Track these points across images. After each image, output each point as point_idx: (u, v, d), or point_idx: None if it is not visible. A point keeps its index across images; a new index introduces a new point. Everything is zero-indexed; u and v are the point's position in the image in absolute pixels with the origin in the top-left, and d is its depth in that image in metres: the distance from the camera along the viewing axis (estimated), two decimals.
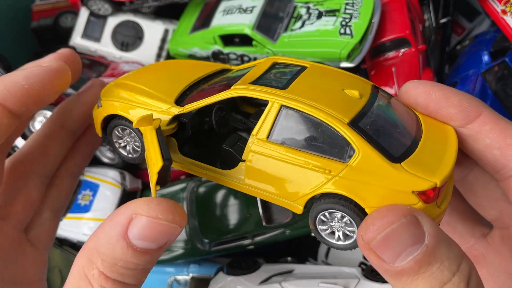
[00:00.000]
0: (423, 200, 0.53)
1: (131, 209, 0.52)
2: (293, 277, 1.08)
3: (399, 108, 0.63)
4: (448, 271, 0.48)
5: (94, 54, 1.44)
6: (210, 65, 0.79)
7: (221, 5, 1.31)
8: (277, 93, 0.59)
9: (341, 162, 0.56)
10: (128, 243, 0.51)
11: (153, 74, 0.78)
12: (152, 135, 0.60)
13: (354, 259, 1.22)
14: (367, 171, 0.55)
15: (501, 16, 1.18)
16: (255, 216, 1.17)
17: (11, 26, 1.50)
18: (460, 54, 1.39)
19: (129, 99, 0.69)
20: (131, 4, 1.34)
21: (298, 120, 0.58)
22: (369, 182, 0.55)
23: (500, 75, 1.15)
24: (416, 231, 0.49)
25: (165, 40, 1.41)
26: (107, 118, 0.71)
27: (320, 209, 0.59)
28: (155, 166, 0.56)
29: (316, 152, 0.57)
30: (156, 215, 0.51)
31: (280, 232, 1.18)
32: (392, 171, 0.54)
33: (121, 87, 0.71)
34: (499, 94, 1.15)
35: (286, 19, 1.22)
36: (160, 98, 0.67)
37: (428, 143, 0.58)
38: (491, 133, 0.60)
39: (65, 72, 0.67)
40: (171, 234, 0.52)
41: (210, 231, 1.20)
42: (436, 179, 0.53)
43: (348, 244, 0.60)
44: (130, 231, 0.51)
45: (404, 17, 1.19)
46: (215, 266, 1.22)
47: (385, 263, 0.49)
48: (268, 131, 0.60)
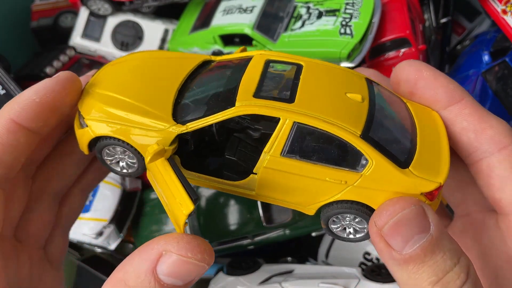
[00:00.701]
0: (429, 199, 0.57)
1: (161, 245, 0.53)
2: (293, 277, 1.08)
3: (393, 101, 0.65)
4: (451, 261, 0.52)
5: (94, 54, 1.44)
6: (188, 58, 0.73)
7: (221, 5, 1.31)
8: (287, 109, 0.58)
9: (355, 172, 0.58)
10: (156, 278, 0.52)
11: (130, 78, 0.69)
12: (166, 168, 0.57)
13: (354, 259, 1.22)
14: (380, 179, 0.57)
15: (501, 16, 1.17)
16: (255, 216, 1.17)
17: (11, 26, 1.49)
18: (460, 54, 1.39)
19: (121, 118, 0.62)
20: (131, 4, 1.34)
21: (311, 134, 0.58)
22: (381, 188, 0.57)
23: (500, 75, 1.15)
24: (423, 220, 0.53)
25: (165, 40, 1.41)
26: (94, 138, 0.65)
27: (333, 213, 0.61)
28: (184, 208, 0.53)
29: (331, 164, 0.58)
30: (185, 254, 0.52)
31: (280, 232, 1.18)
32: (402, 177, 0.57)
33: (103, 102, 0.63)
34: (500, 94, 1.15)
35: (286, 19, 1.22)
36: (156, 115, 0.62)
37: (424, 140, 0.61)
38: (469, 116, 0.63)
39: (75, 80, 0.66)
40: (198, 273, 0.53)
41: (210, 231, 1.20)
42: (440, 179, 0.57)
43: (359, 237, 0.63)
44: (159, 267, 0.52)
45: (404, 17, 1.19)
46: (215, 266, 1.22)
47: (393, 251, 0.53)
48: (281, 147, 0.59)
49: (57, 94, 0.62)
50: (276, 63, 0.67)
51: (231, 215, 1.19)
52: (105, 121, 0.62)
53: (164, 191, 0.57)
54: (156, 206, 1.27)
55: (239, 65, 0.67)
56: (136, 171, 0.67)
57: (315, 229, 1.18)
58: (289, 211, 1.17)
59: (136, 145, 0.63)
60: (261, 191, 0.63)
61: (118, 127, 0.62)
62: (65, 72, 0.65)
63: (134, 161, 0.66)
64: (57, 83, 0.63)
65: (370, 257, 1.20)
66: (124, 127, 0.62)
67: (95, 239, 1.24)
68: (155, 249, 0.53)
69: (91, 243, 1.25)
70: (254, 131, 0.67)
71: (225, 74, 0.67)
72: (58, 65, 1.31)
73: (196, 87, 0.67)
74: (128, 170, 0.67)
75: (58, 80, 0.63)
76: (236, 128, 0.70)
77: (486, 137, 0.62)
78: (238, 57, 0.70)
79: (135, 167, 0.67)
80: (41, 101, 0.61)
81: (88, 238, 1.23)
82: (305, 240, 1.29)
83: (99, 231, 1.23)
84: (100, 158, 0.67)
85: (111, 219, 1.23)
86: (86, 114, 0.64)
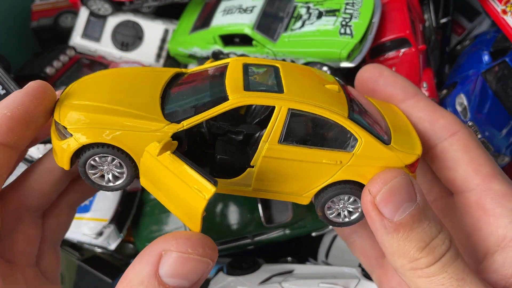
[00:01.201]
0: (411, 171, 0.65)
1: (159, 246, 0.52)
2: (293, 277, 1.08)
3: (360, 97, 0.72)
4: (435, 228, 0.58)
5: (94, 54, 1.44)
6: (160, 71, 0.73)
7: (221, 5, 1.31)
8: (280, 97, 0.62)
9: (347, 152, 0.63)
10: (159, 281, 0.51)
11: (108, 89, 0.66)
12: (176, 161, 0.56)
13: (354, 259, 1.22)
14: (369, 156, 0.63)
15: (501, 16, 1.18)
16: (255, 216, 1.17)
17: (11, 26, 1.49)
18: (460, 54, 1.39)
19: (111, 124, 0.60)
20: (131, 4, 1.34)
21: (304, 119, 0.62)
22: (371, 164, 0.63)
23: (500, 75, 1.15)
24: (410, 189, 0.59)
25: (165, 40, 1.41)
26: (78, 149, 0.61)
27: (329, 197, 0.65)
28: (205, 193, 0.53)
29: (326, 147, 0.63)
30: (186, 250, 0.51)
31: (280, 232, 1.18)
32: (388, 152, 0.63)
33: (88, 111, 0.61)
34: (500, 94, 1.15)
35: (286, 19, 1.22)
36: (147, 117, 0.60)
37: (393, 123, 0.69)
38: (423, 108, 0.72)
39: (46, 88, 0.63)
40: (203, 270, 0.52)
41: (210, 231, 1.20)
42: (418, 151, 0.65)
43: (354, 218, 0.67)
44: (161, 269, 0.51)
45: (404, 17, 1.19)
46: (215, 266, 1.22)
47: (384, 219, 0.57)
48: (279, 135, 0.62)
49: (28, 106, 0.60)
50: (253, 66, 0.69)
51: (231, 215, 1.19)
52: (94, 128, 0.60)
53: (175, 186, 0.56)
54: (156, 206, 1.27)
55: (217, 70, 0.68)
56: (123, 183, 0.63)
57: (315, 229, 1.18)
58: (289, 211, 1.17)
59: (129, 149, 0.60)
60: (258, 184, 0.65)
61: (108, 132, 0.60)
62: (35, 81, 0.63)
63: (123, 170, 0.63)
64: (27, 94, 0.60)
65: None
66: (116, 131, 0.59)
67: (95, 239, 1.24)
68: (154, 250, 0.52)
69: (91, 243, 1.25)
70: (236, 134, 0.69)
71: (205, 79, 0.68)
72: (58, 65, 1.31)
73: (178, 93, 0.66)
74: (115, 182, 0.64)
75: (28, 91, 0.61)
76: (219, 133, 0.70)
77: (439, 125, 0.70)
78: (212, 66, 0.72)
79: (123, 177, 0.63)
80: (12, 115, 0.59)
81: (88, 238, 1.23)
82: (305, 240, 1.29)
83: (99, 231, 1.23)
84: (82, 172, 0.63)
85: (111, 219, 1.23)
86: (69, 124, 0.60)
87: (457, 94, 1.20)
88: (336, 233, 1.24)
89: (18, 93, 0.61)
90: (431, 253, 0.57)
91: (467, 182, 0.67)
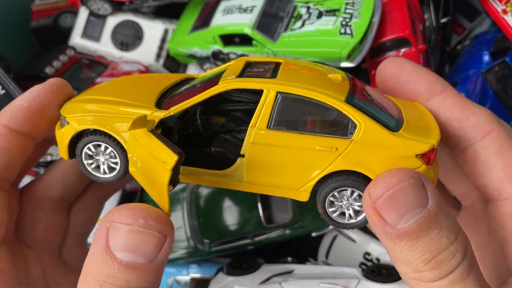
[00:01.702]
0: (425, 162, 0.56)
1: (106, 218, 0.50)
2: (293, 277, 1.08)
3: (376, 92, 0.67)
4: (447, 239, 0.50)
5: (94, 54, 1.43)
6: (172, 76, 0.75)
7: (221, 5, 1.31)
8: (270, 81, 0.59)
9: (345, 138, 0.57)
10: (111, 256, 0.48)
11: (116, 88, 0.72)
12: (149, 137, 0.56)
13: (354, 259, 1.22)
14: (371, 143, 0.57)
15: (501, 16, 1.17)
16: (255, 216, 1.17)
17: (11, 26, 1.49)
18: (460, 54, 1.39)
19: (104, 111, 0.62)
20: (131, 3, 1.34)
21: (296, 104, 0.58)
22: (374, 152, 0.56)
23: (500, 75, 1.15)
24: (420, 194, 0.51)
25: (165, 40, 1.41)
26: (75, 137, 0.65)
27: (329, 189, 0.59)
28: (167, 164, 0.52)
29: (319, 133, 0.58)
30: (126, 221, 0.49)
31: (280, 232, 1.18)
32: (394, 139, 0.56)
33: (86, 102, 0.65)
34: (500, 94, 1.15)
35: (286, 19, 1.22)
36: (139, 105, 0.62)
37: (411, 116, 0.62)
38: (451, 106, 0.63)
39: (63, 84, 0.68)
40: (154, 244, 0.49)
41: (210, 231, 1.20)
42: (433, 141, 0.57)
43: (360, 220, 0.60)
44: (111, 243, 0.49)
45: (405, 17, 1.19)
46: (215, 266, 1.22)
47: (387, 225, 0.50)
48: (267, 120, 0.59)
49: (44, 98, 0.65)
50: (256, 62, 0.68)
51: (231, 215, 1.19)
52: (87, 115, 0.63)
53: (147, 162, 0.55)
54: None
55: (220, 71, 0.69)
56: (118, 174, 0.64)
57: (315, 229, 1.18)
58: (289, 211, 1.16)
59: (120, 136, 0.61)
60: (251, 175, 0.61)
61: (100, 118, 0.62)
62: (54, 78, 0.69)
63: (116, 160, 0.64)
64: (44, 88, 0.66)
65: (370, 257, 1.20)
66: (106, 117, 0.62)
67: None
68: (103, 223, 0.51)
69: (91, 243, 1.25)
70: (239, 133, 0.67)
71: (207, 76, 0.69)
72: (58, 65, 1.30)
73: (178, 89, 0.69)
74: (110, 174, 0.65)
75: (45, 86, 0.67)
76: (222, 131, 0.70)
77: (469, 124, 0.62)
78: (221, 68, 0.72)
79: (117, 168, 0.64)
80: (29, 106, 0.64)
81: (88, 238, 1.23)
82: (305, 240, 1.29)
83: None
84: (79, 161, 0.65)
85: None
86: (68, 113, 0.65)
87: None
88: (336, 233, 1.24)
89: (37, 87, 0.67)
90: (437, 267, 0.50)
91: (500, 190, 0.60)
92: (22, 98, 0.66)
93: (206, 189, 1.22)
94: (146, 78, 0.78)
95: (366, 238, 1.21)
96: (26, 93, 0.66)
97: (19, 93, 1.08)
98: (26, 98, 0.66)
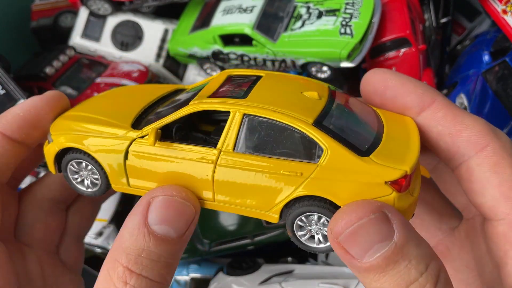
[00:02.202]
0: (396, 190, 0.53)
1: (148, 195, 0.55)
2: (293, 277, 1.08)
3: (358, 106, 0.64)
4: (416, 270, 0.48)
5: (94, 54, 1.43)
6: (163, 87, 0.76)
7: (221, 5, 1.31)
8: (237, 103, 0.58)
9: (311, 163, 0.56)
10: (149, 229, 0.52)
11: (105, 102, 0.74)
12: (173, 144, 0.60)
13: None
14: (338, 168, 0.55)
15: (501, 16, 1.17)
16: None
17: (11, 26, 1.49)
18: (460, 54, 1.39)
19: (81, 130, 0.65)
20: (131, 3, 1.34)
21: (262, 126, 0.57)
22: (341, 179, 0.54)
23: (500, 75, 1.15)
24: (384, 228, 0.49)
25: (165, 40, 1.41)
26: (60, 153, 0.67)
27: (296, 214, 0.58)
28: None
29: (285, 156, 0.57)
30: (170, 193, 0.54)
31: (280, 232, 1.18)
32: (363, 165, 0.54)
33: (70, 119, 0.68)
34: (500, 94, 1.15)
35: (286, 19, 1.22)
36: (114, 124, 0.64)
37: (391, 135, 0.59)
38: (443, 120, 0.59)
39: (60, 98, 0.71)
40: (187, 216, 0.54)
41: (210, 232, 1.20)
42: (406, 167, 0.53)
43: (329, 245, 0.58)
44: (150, 217, 0.53)
45: (405, 17, 1.19)
46: (215, 266, 1.22)
47: (353, 259, 0.49)
48: (233, 142, 0.58)
49: (40, 110, 0.69)
50: (237, 77, 0.67)
51: (231, 215, 1.19)
52: (67, 133, 0.66)
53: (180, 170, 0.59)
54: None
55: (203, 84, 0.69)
56: (100, 190, 0.67)
57: None
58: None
59: (98, 156, 0.64)
60: (219, 196, 0.60)
61: (77, 136, 0.65)
62: (52, 91, 0.72)
63: (97, 176, 0.66)
64: (41, 100, 0.69)
65: None
66: (83, 136, 0.64)
67: (95, 239, 1.24)
68: (143, 200, 0.55)
69: (91, 243, 1.25)
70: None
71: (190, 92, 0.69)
72: (58, 65, 1.31)
73: (162, 105, 0.69)
74: (93, 188, 0.67)
75: (43, 97, 0.70)
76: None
77: (462, 139, 0.58)
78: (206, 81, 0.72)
79: (98, 183, 0.66)
80: (24, 115, 0.68)
81: (88, 238, 1.23)
82: None
83: (99, 231, 1.23)
84: (66, 176, 0.68)
85: (111, 219, 1.23)
86: (53, 130, 0.68)
87: (457, 94, 1.20)
88: None
89: (34, 98, 0.70)
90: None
91: (495, 209, 0.56)
92: (19, 107, 0.69)
93: None
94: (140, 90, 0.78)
95: None
96: (24, 103, 0.70)
97: (19, 93, 1.08)
98: (22, 108, 0.69)
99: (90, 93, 1.24)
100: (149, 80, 1.30)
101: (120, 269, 0.51)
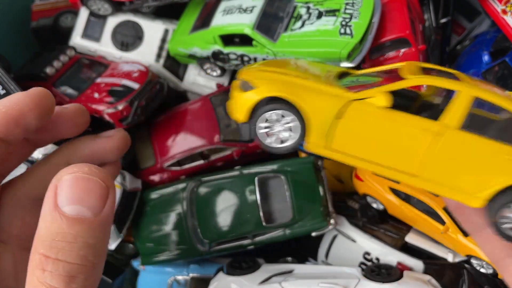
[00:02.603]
0: None
1: (55, 178, 0.51)
2: (293, 277, 1.08)
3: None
4: None
5: (94, 54, 1.43)
6: (327, 66, 0.79)
7: (221, 5, 1.31)
8: (465, 85, 0.60)
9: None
10: (60, 212, 0.49)
11: (289, 67, 0.75)
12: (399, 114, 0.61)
13: (354, 259, 1.22)
14: None
15: (501, 16, 1.18)
16: (255, 216, 1.17)
17: (11, 26, 1.49)
18: (460, 54, 1.39)
19: (295, 84, 0.64)
20: (131, 4, 1.34)
21: (491, 111, 0.60)
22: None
23: (500, 75, 1.15)
24: None
25: (165, 40, 1.41)
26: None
27: (508, 201, 0.58)
28: None
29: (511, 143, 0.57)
30: (72, 170, 0.50)
31: (280, 232, 1.18)
32: None
33: (271, 73, 0.68)
34: None
35: (286, 19, 1.22)
36: (328, 83, 0.64)
37: None
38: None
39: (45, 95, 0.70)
40: (98, 192, 0.50)
41: (210, 231, 1.20)
42: None
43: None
44: (59, 200, 0.50)
45: (404, 17, 1.19)
46: (215, 266, 1.22)
47: None
48: (460, 120, 0.59)
49: (23, 107, 0.65)
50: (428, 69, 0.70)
51: (231, 215, 1.19)
52: (279, 83, 0.65)
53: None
54: (156, 206, 1.27)
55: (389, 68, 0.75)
56: (286, 147, 0.66)
57: (315, 229, 1.18)
58: (289, 211, 1.17)
59: (309, 111, 0.63)
60: (427, 172, 0.60)
61: (291, 89, 0.64)
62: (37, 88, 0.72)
63: (289, 135, 0.66)
64: (24, 96, 0.65)
65: (370, 257, 1.20)
66: (298, 89, 0.64)
67: None
68: (51, 184, 0.51)
69: None
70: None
71: (373, 72, 0.73)
72: (58, 65, 1.31)
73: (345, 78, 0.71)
74: (279, 144, 0.67)
75: (26, 94, 0.66)
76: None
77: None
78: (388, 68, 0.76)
79: (287, 140, 0.66)
80: (6, 111, 0.64)
81: None
82: (305, 240, 1.29)
83: None
84: (252, 129, 0.68)
85: None
86: (254, 78, 0.67)
87: None
88: (336, 233, 1.24)
89: (18, 94, 0.66)
90: None
91: None
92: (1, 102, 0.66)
93: (206, 188, 1.22)
94: (310, 63, 0.82)
95: (366, 238, 1.21)
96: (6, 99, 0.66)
97: None
98: (4, 104, 0.65)
99: (90, 93, 1.24)
100: (149, 80, 1.30)
101: (37, 258, 0.49)
